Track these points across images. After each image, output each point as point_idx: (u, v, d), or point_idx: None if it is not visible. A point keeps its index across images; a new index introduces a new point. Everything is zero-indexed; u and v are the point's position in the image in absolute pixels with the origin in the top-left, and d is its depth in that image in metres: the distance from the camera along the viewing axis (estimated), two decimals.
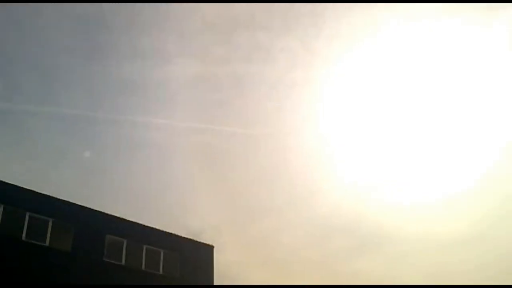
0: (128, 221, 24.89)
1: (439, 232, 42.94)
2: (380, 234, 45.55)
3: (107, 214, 24.27)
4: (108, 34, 47.16)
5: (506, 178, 44.50)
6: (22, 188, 21.99)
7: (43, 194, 22.52)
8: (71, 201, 23.27)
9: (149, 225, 25.67)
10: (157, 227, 26.00)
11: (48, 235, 21.81)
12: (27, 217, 21.42)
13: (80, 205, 23.49)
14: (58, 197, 22.94)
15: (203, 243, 27.67)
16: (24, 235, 21.20)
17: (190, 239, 27.19)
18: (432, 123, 48.79)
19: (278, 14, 45.92)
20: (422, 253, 43.29)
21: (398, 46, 45.44)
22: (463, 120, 47.16)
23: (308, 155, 50.67)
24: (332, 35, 47.56)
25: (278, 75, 48.93)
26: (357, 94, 49.70)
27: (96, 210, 23.94)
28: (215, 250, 27.88)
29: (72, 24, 44.34)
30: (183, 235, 27.04)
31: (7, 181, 21.60)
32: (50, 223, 22.02)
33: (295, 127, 51.98)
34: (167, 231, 26.30)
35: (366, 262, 44.11)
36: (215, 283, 27.01)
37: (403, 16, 43.08)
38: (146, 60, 47.32)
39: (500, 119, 45.09)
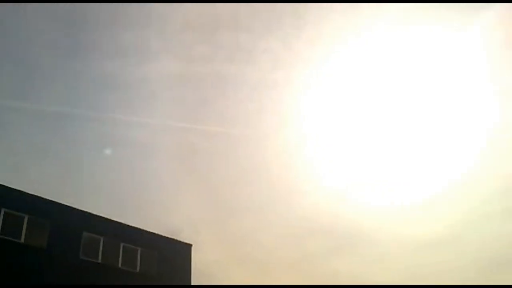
0: (105, 218, 24.74)
1: (416, 233, 43.52)
2: (357, 235, 45.88)
3: (84, 211, 24.08)
4: (89, 31, 46.83)
5: (482, 181, 45.40)
6: None
7: (19, 190, 22.24)
8: (47, 197, 23.05)
9: (127, 223, 25.57)
10: (135, 225, 25.94)
11: (24, 231, 21.54)
12: (2, 213, 21.10)
13: (57, 202, 23.24)
14: (34, 194, 22.69)
15: (181, 241, 27.65)
16: None
17: (168, 238, 27.14)
18: (410, 125, 49.38)
19: (260, 14, 46.07)
20: (398, 254, 43.88)
21: (380, 48, 45.93)
22: (441, 122, 47.85)
23: (288, 155, 50.97)
24: (314, 36, 47.87)
25: (259, 75, 49.04)
26: (338, 95, 50.17)
27: (72, 207, 23.73)
28: (193, 248, 27.90)
29: (54, 21, 43.89)
30: (161, 234, 27.00)
31: None
32: (26, 220, 21.74)
33: (275, 128, 52.21)
34: (145, 229, 26.22)
35: (344, 263, 44.50)
36: (193, 282, 27.00)
37: (385, 18, 43.51)
38: (128, 58, 47.14)
39: (478, 121, 45.88)
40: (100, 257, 23.70)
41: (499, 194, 43.76)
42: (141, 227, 26.11)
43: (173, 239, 27.32)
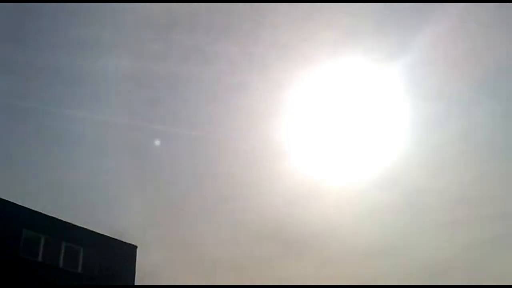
0: (47, 216, 23.86)
1: (362, 240, 44.45)
2: (305, 240, 46.36)
3: (24, 207, 23.10)
4: (40, 21, 45.15)
5: (429, 193, 47.07)
6: None
7: None
8: None
9: (70, 221, 24.74)
10: (79, 224, 25.16)
11: None
12: None
13: None
14: None
15: (126, 242, 27.12)
16: None
17: (112, 238, 26.55)
18: (361, 130, 50.12)
19: (218, 17, 45.86)
20: (344, 260, 44.54)
21: (331, 53, 46.46)
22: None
23: (239, 159, 50.86)
24: (270, 41, 48.04)
25: (214, 77, 48.80)
26: (292, 101, 50.36)
27: (12, 202, 22.70)
28: (138, 250, 27.45)
29: (3, 10, 41.98)
30: (106, 234, 26.36)
31: None
32: None
33: (228, 131, 52.02)
34: (89, 228, 25.52)
35: (291, 267, 44.78)
36: (136, 283, 26.52)
37: (340, 21, 44.30)
38: (79, 52, 45.62)
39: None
40: (40, 256, 22.87)
41: (445, 207, 45.78)
42: (85, 226, 25.37)
43: (117, 240, 26.74)
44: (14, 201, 22.84)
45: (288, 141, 49.84)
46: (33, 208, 23.46)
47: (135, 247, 27.30)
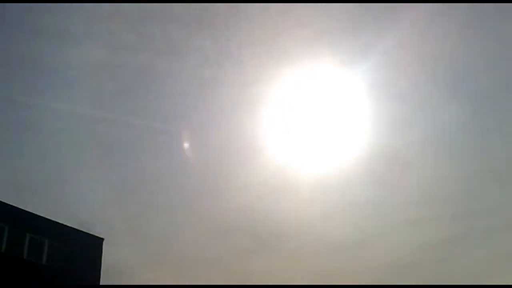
0: (11, 206, 23.46)
1: (331, 236, 45.18)
2: (276, 235, 46.75)
3: None
4: (10, 11, 44.04)
5: (392, 194, 48.09)
6: None
7: None
8: None
9: (35, 212, 24.38)
10: (44, 215, 24.82)
11: None
12: None
13: None
14: None
15: (92, 235, 26.91)
16: None
17: (79, 230, 26.34)
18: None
19: (193, 11, 45.58)
20: (315, 255, 45.05)
21: (307, 49, 46.78)
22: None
23: (211, 154, 50.80)
24: (245, 38, 48.11)
25: (187, 71, 48.61)
26: (265, 96, 50.47)
27: None
28: (105, 243, 27.26)
29: None
30: (72, 226, 26.12)
31: None
32: None
33: (200, 125, 51.91)
34: (55, 220, 25.21)
35: (262, 262, 45.09)
36: (102, 277, 26.45)
37: (313, 18, 44.66)
38: (48, 40, 44.75)
39: None
40: (3, 247, 22.49)
41: (410, 205, 46.88)
42: (51, 218, 25.05)
43: (84, 232, 26.56)
44: None
45: (261, 136, 50.07)
46: None
47: (102, 239, 27.10)
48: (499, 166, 46.79)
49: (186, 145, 46.00)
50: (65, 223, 25.66)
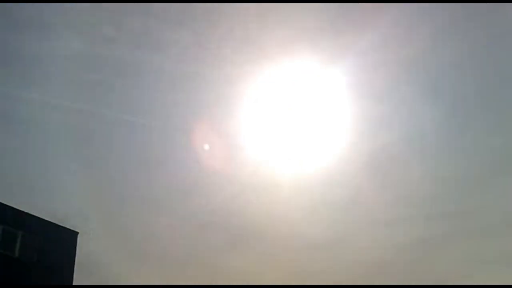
0: None
1: (305, 234, 45.34)
2: (252, 233, 46.83)
3: None
4: None
5: (369, 194, 48.50)
6: None
7: None
8: None
9: (7, 204, 23.89)
10: (18, 207, 24.33)
11: None
12: None
13: None
14: None
15: (67, 228, 26.53)
16: None
17: (53, 223, 25.90)
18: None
19: (174, 6, 45.09)
20: (290, 253, 45.23)
21: (287, 52, 46.84)
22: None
23: (190, 150, 50.47)
24: (226, 35, 47.89)
25: (166, 66, 48.13)
26: (244, 94, 50.39)
27: None
28: (80, 237, 26.89)
29: None
30: (46, 218, 25.67)
31: None
32: None
33: (179, 120, 51.58)
34: (28, 212, 24.76)
35: (237, 259, 45.14)
36: (76, 271, 26.12)
37: (296, 18, 44.70)
38: (23, 31, 43.86)
39: None
40: None
41: (386, 206, 47.37)
42: (25, 210, 24.59)
43: (58, 225, 26.13)
44: None
45: (238, 133, 50.00)
46: None
47: (77, 233, 26.73)
48: (475, 168, 47.71)
49: (164, 140, 45.71)
50: (39, 216, 25.21)
